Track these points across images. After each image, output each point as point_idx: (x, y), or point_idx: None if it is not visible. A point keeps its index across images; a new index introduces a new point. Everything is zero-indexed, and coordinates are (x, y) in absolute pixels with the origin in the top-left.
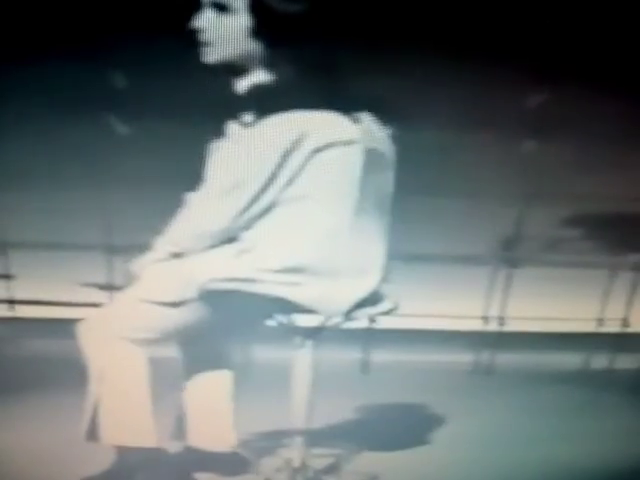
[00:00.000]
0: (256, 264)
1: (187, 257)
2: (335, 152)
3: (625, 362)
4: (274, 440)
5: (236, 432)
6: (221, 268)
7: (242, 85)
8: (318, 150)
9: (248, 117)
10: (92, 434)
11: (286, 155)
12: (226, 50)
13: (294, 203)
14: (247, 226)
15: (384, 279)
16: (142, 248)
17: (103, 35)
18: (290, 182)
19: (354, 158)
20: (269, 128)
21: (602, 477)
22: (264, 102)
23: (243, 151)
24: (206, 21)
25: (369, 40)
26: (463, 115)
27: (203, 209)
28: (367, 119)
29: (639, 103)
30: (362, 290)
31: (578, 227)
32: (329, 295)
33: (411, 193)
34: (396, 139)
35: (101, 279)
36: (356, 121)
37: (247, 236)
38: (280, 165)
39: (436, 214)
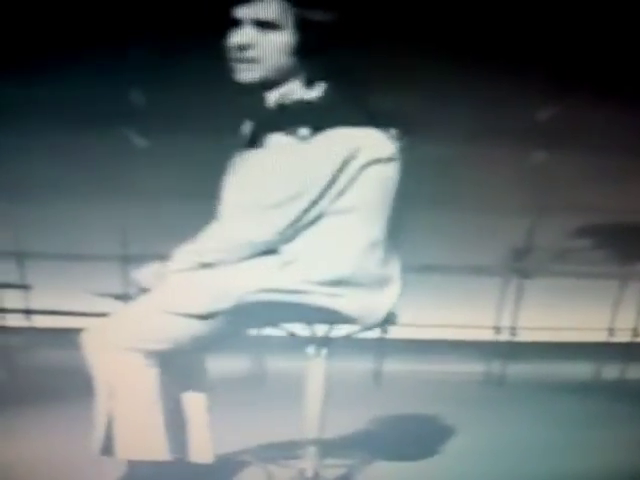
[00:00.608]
0: (301, 276)
1: (218, 268)
2: (379, 167)
3: (636, 372)
4: (287, 450)
5: (213, 444)
6: (263, 279)
7: (272, 98)
8: (367, 165)
9: (304, 131)
10: (107, 449)
11: (341, 169)
12: (267, 67)
13: (339, 216)
14: (292, 238)
15: (402, 289)
16: (158, 258)
17: (122, 49)
18: (339, 195)
19: (392, 174)
20: (325, 142)
21: None
22: (304, 116)
23: (298, 164)
24: (249, 39)
25: (381, 55)
26: (475, 127)
27: (248, 220)
28: (395, 134)
29: None
30: (392, 300)
31: (588, 238)
32: (368, 306)
33: (423, 205)
34: (409, 152)
35: (117, 289)
36: (392, 137)
37: (289, 248)
38: (334, 178)
39: (447, 225)
